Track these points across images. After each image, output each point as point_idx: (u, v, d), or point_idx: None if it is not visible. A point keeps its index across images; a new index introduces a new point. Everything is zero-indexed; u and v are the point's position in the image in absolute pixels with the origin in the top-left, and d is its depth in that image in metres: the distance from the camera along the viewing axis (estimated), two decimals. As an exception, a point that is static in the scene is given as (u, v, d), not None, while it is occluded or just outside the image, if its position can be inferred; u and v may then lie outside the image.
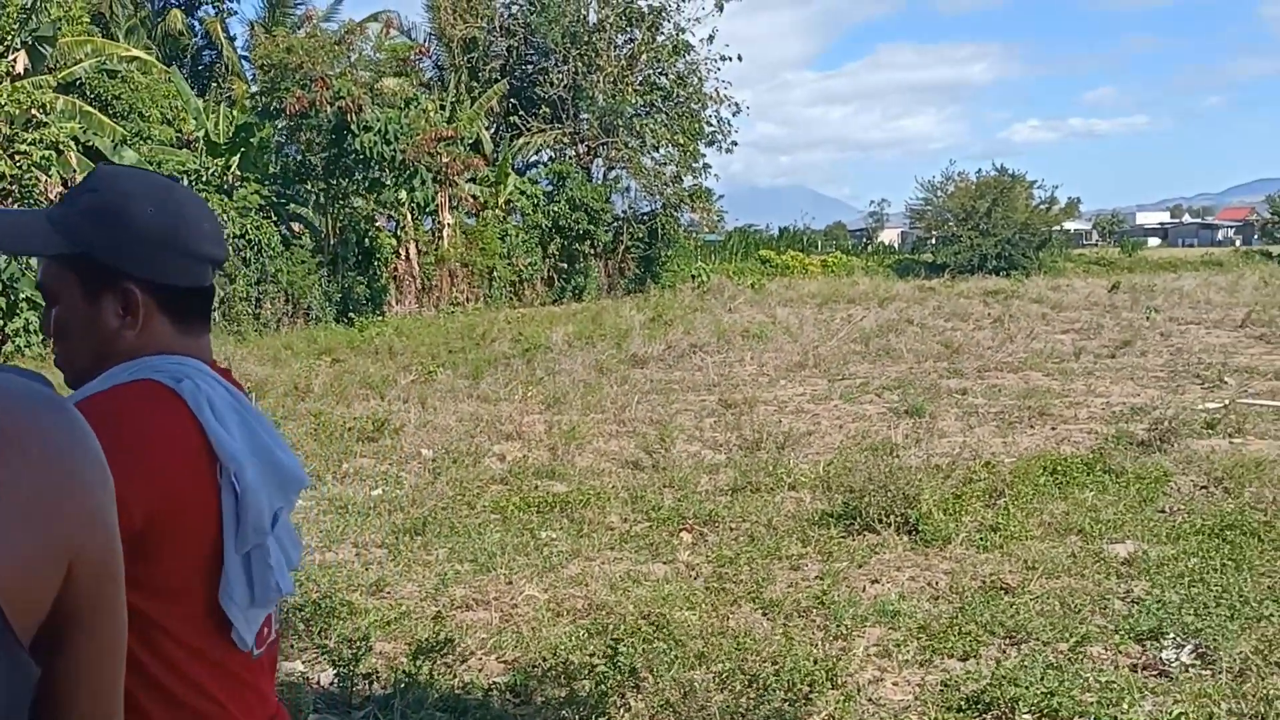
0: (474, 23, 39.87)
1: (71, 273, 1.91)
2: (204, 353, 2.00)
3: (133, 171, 2.00)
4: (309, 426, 12.56)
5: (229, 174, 28.06)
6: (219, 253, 1.99)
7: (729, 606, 6.62)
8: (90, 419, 1.73)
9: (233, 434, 1.86)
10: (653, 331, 21.56)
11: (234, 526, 1.85)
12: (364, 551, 8.16)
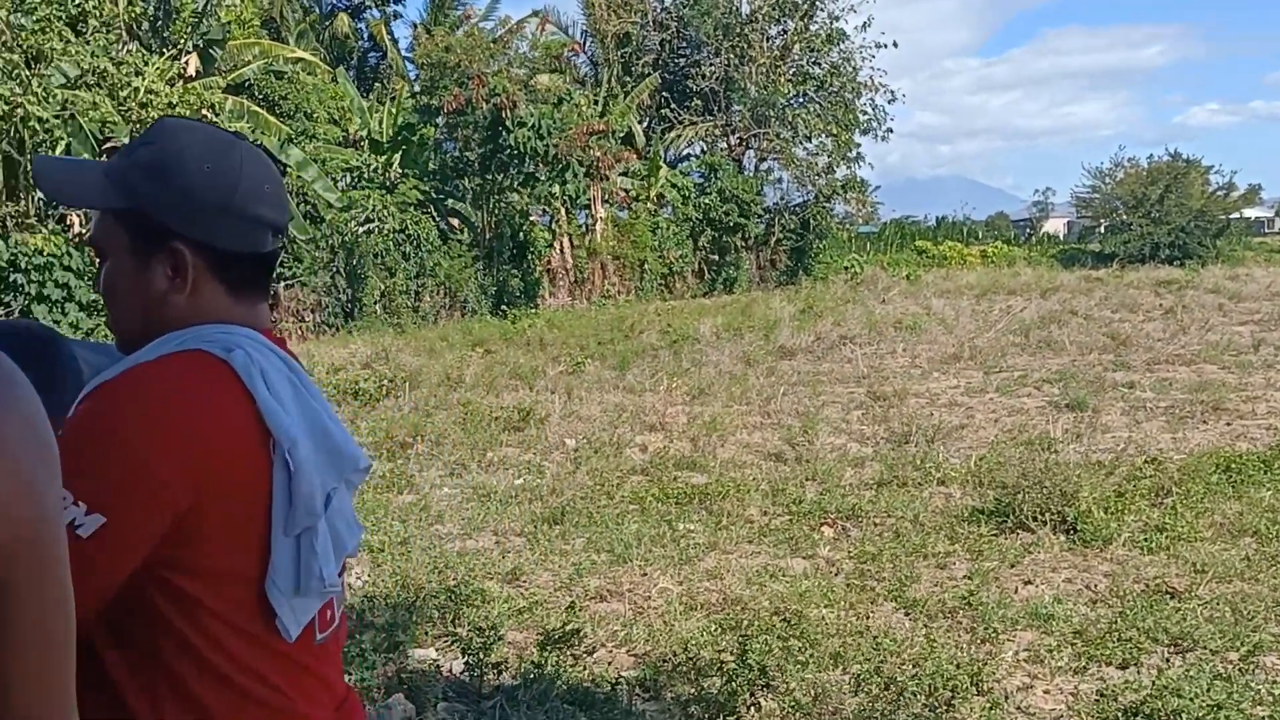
0: (628, 18, 39.95)
1: (122, 229, 1.80)
2: (260, 321, 1.86)
3: (194, 125, 1.86)
4: (458, 416, 12.64)
5: (390, 171, 28.62)
6: (278, 217, 1.85)
7: (869, 605, 6.36)
8: (132, 391, 1.63)
9: (286, 408, 1.74)
10: (802, 323, 21.22)
11: (284, 507, 1.72)
12: (503, 540, 8.12)
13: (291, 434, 1.72)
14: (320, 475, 1.76)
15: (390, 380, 14.68)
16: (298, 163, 23.22)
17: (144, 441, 1.60)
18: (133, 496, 1.59)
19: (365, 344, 19.30)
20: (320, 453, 1.77)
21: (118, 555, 1.60)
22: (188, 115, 18.94)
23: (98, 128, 18.49)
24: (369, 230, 24.65)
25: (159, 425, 1.62)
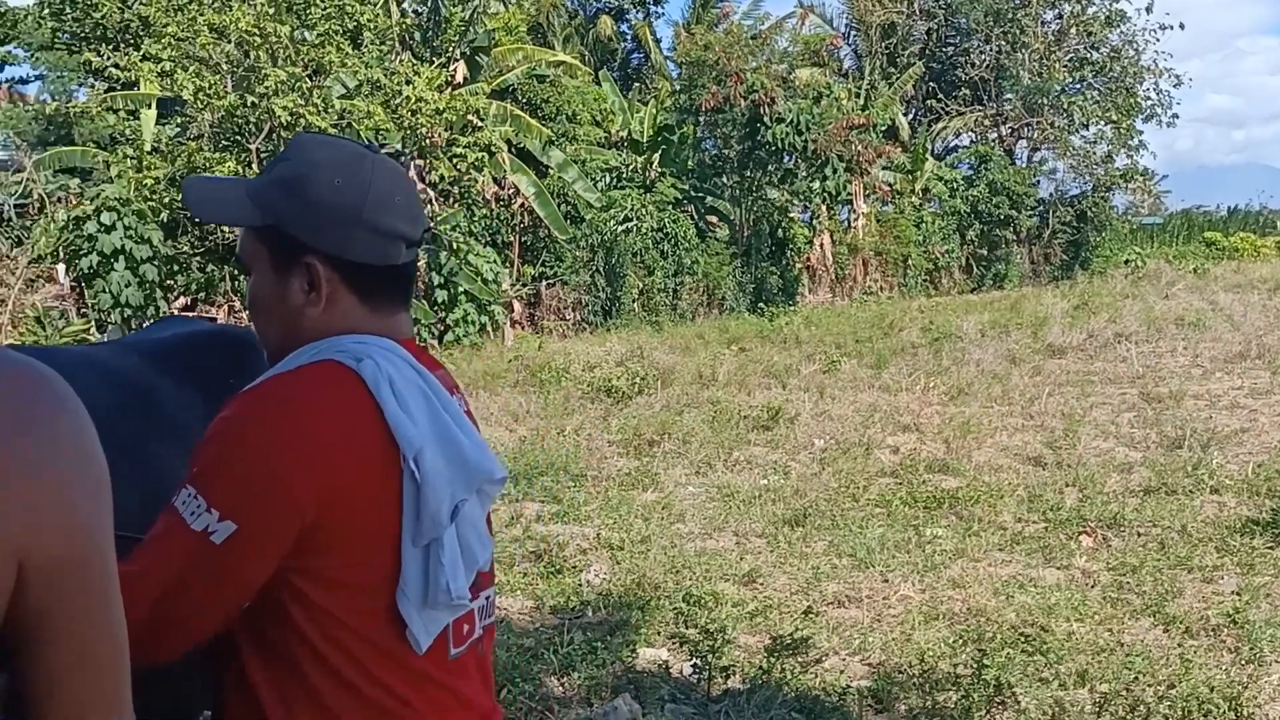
0: (893, 7, 39.16)
1: (262, 244, 1.84)
2: (397, 332, 1.87)
3: (327, 140, 1.90)
4: (707, 414, 12.63)
5: (650, 170, 28.98)
6: (409, 230, 1.85)
7: (1123, 620, 5.95)
8: (265, 402, 1.65)
9: (414, 417, 1.73)
10: (1074, 320, 20.25)
11: (414, 517, 1.72)
12: (743, 540, 8.03)
13: (417, 443, 1.71)
14: (449, 486, 1.74)
15: (643, 378, 14.80)
16: (559, 164, 23.77)
17: (274, 452, 1.63)
18: (262, 506, 1.62)
19: (621, 341, 19.57)
20: (449, 463, 1.76)
21: (249, 562, 1.64)
22: (453, 120, 19.71)
23: (372, 135, 19.40)
24: (628, 229, 24.99)
25: (288, 436, 1.65)
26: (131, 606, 1.61)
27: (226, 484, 1.63)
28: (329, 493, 1.65)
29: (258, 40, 18.02)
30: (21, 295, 17.00)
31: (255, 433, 1.65)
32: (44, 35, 25.95)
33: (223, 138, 19.43)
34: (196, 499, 1.62)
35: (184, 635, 1.67)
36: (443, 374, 1.97)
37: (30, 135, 23.49)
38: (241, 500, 1.62)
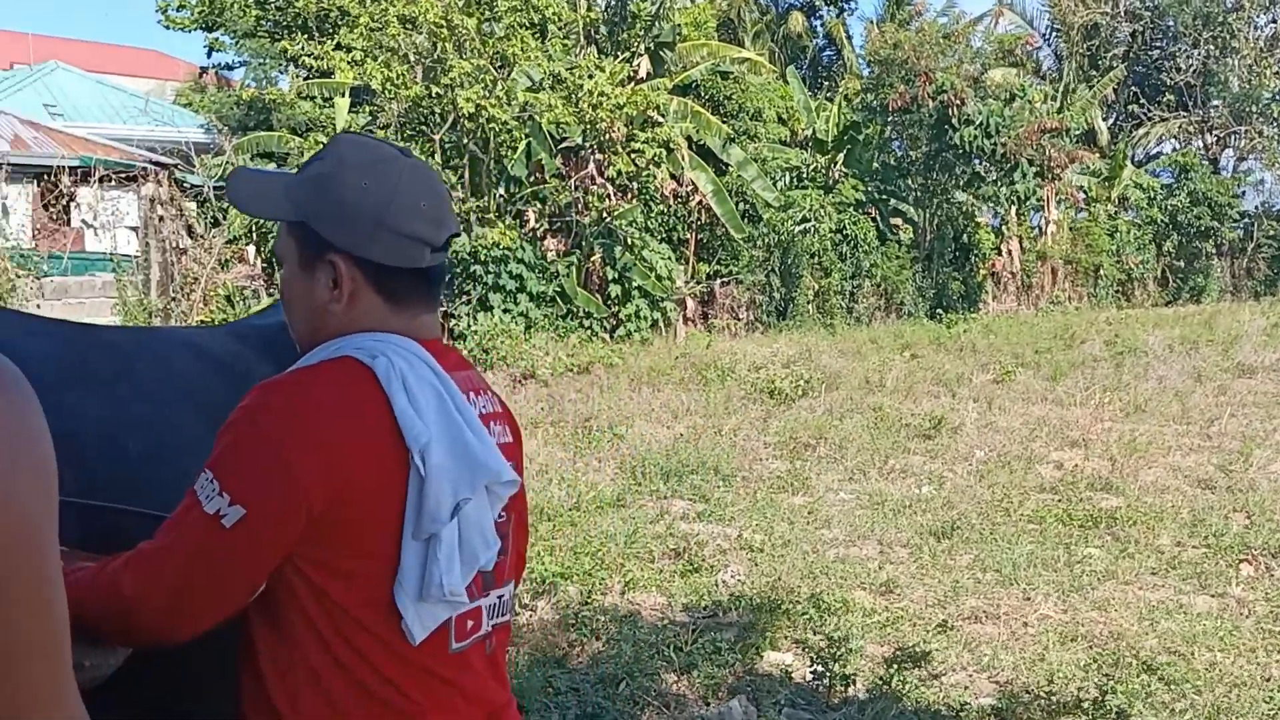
0: (1096, 8, 37.80)
1: (293, 240, 1.90)
2: (420, 332, 1.91)
3: (362, 140, 1.94)
4: (868, 420, 12.44)
5: (833, 170, 28.66)
6: (432, 235, 1.88)
7: (1274, 653, 5.62)
8: (280, 393, 1.72)
9: (424, 414, 1.77)
10: (1271, 338, 19.23)
11: (415, 511, 1.76)
12: (887, 550, 7.87)
13: (423, 439, 1.75)
14: (452, 483, 1.77)
15: (807, 381, 14.65)
16: (738, 162, 23.69)
17: (284, 442, 1.69)
18: (271, 493, 1.68)
19: (791, 343, 19.42)
20: (455, 460, 1.79)
21: (257, 547, 1.70)
22: (634, 115, 19.83)
23: (552, 128, 19.69)
24: (806, 230, 24.76)
25: (299, 428, 1.71)
26: (149, 581, 1.70)
27: (239, 470, 1.69)
28: (337, 484, 1.71)
29: (445, 32, 18.45)
30: (215, 274, 17.80)
31: (268, 422, 1.71)
32: (248, 23, 27.09)
33: (408, 127, 19.98)
34: (212, 482, 1.69)
35: (197, 613, 1.72)
36: (469, 375, 2.01)
37: (232, 120, 24.59)
38: (252, 486, 1.68)
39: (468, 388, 1.95)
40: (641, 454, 10.41)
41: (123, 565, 1.74)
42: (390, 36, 18.83)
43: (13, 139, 17.74)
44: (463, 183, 19.77)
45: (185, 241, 18.74)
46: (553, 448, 11.01)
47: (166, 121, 23.80)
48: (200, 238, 18.97)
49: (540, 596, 6.71)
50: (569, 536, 7.93)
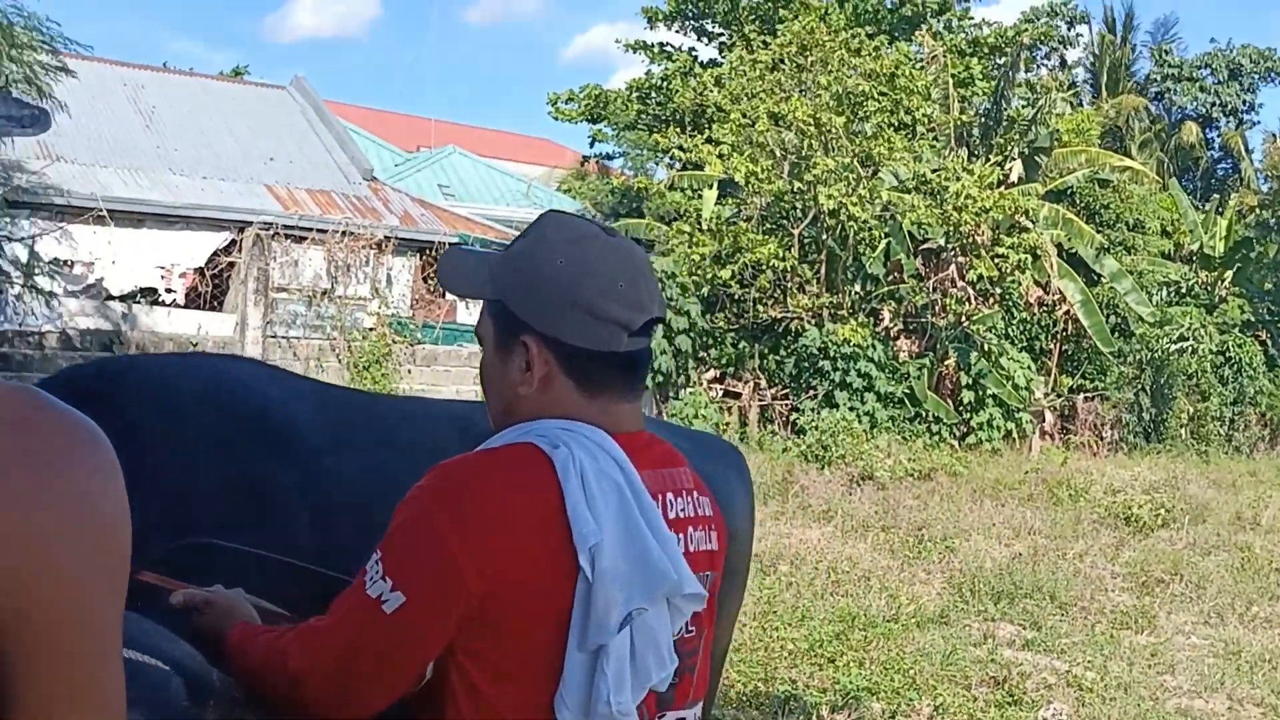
0: None
1: (490, 319, 1.84)
2: (615, 423, 1.78)
3: (565, 218, 1.86)
4: (1235, 559, 11.33)
5: (1219, 288, 26.82)
6: (628, 317, 1.75)
7: None
8: (451, 477, 1.64)
9: (598, 513, 1.63)
10: None
11: (582, 618, 1.62)
12: (1237, 706, 7.06)
13: (591, 539, 1.62)
14: (623, 590, 1.63)
15: (1169, 510, 13.53)
16: (1112, 273, 22.52)
17: (447, 530, 1.62)
18: (430, 582, 1.61)
19: (1156, 468, 18.07)
20: (631, 567, 1.64)
21: (416, 634, 1.63)
22: (1000, 219, 19.22)
23: (915, 228, 19.37)
24: (1183, 349, 23.16)
25: (464, 516, 1.63)
26: (312, 657, 1.67)
27: (401, 555, 1.64)
28: (497, 577, 1.61)
29: (813, 130, 18.57)
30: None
31: (434, 507, 1.65)
32: (629, 116, 28.34)
33: (769, 220, 20.17)
34: (378, 564, 1.65)
35: (358, 695, 1.67)
36: (674, 474, 1.86)
37: (605, 206, 25.66)
38: (412, 573, 1.62)
39: (667, 488, 1.82)
40: (973, 570, 9.87)
41: (294, 637, 1.72)
42: (759, 132, 19.13)
43: (403, 215, 19.17)
44: (818, 277, 19.73)
45: (547, 318, 19.57)
46: (880, 554, 10.62)
47: (545, 205, 25.10)
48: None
49: (840, 711, 6.39)
50: (882, 649, 7.55)
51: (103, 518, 1.05)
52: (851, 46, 19.81)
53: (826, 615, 8.23)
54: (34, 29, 12.08)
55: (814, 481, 14.00)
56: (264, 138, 20.24)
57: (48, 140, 16.50)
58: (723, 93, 21.03)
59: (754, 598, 8.50)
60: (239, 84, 24.43)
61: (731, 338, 20.17)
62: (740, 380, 20.02)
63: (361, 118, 34.01)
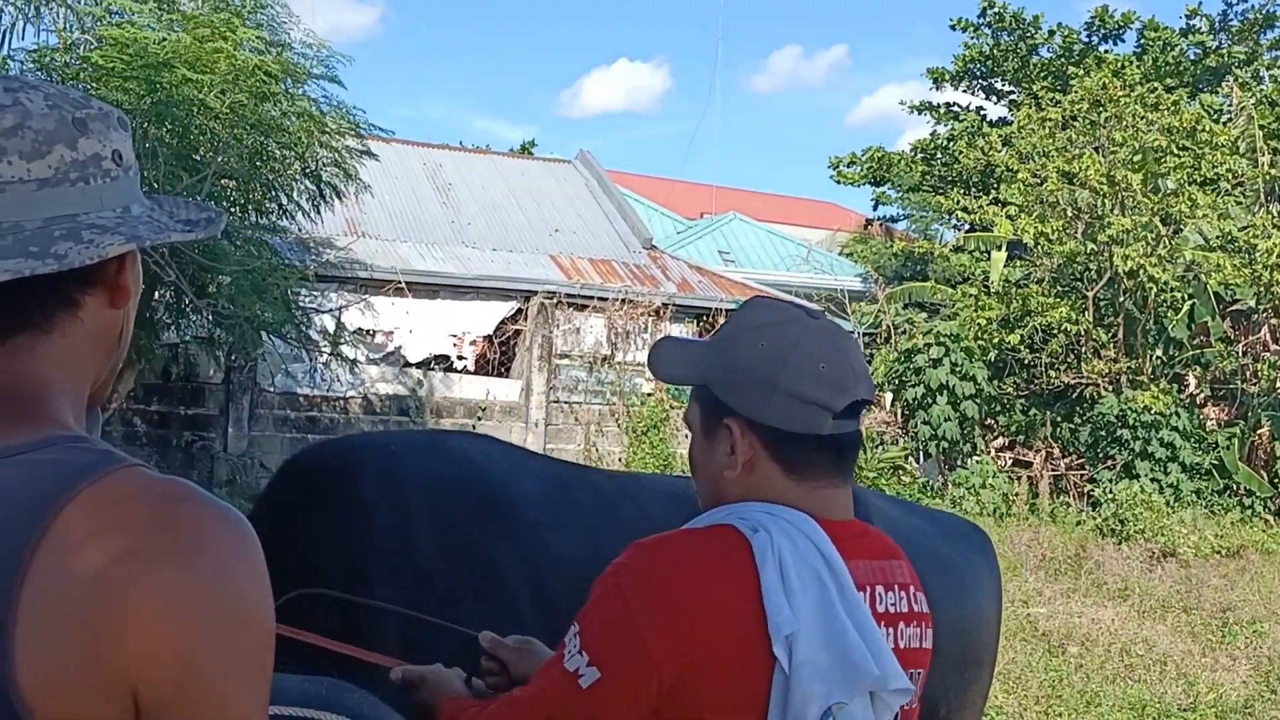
0: None
1: (696, 404, 1.85)
2: (823, 509, 1.75)
3: (768, 302, 1.88)
4: None
5: None
6: (831, 399, 1.72)
7: None
8: (650, 557, 1.68)
9: (795, 601, 1.60)
10: None
11: (780, 709, 1.58)
12: None
13: (787, 627, 1.58)
14: (823, 683, 1.58)
15: None
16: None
17: (640, 609, 1.62)
18: (624, 660, 1.62)
19: None
20: (832, 658, 1.59)
21: (612, 711, 1.64)
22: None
23: (1220, 289, 18.26)
24: None
25: (659, 596, 1.63)
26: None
27: (597, 631, 1.65)
28: (688, 660, 1.60)
29: (1106, 188, 17.82)
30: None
31: (630, 585, 1.66)
32: (913, 178, 27.95)
33: (1061, 283, 19.43)
34: (575, 638, 1.67)
35: None
36: (887, 566, 1.82)
37: (888, 270, 25.32)
38: (607, 650, 1.63)
39: (877, 580, 1.77)
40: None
41: (496, 709, 1.77)
42: (1049, 191, 18.52)
43: (680, 282, 19.49)
44: (1115, 342, 18.82)
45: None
46: (1179, 637, 9.93)
47: (826, 270, 25.02)
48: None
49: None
50: (1176, 742, 7.05)
51: (242, 608, 1.11)
52: (1148, 101, 18.94)
53: (1116, 702, 7.77)
54: (342, 116, 12.98)
55: (1110, 557, 13.26)
56: (550, 210, 21.05)
57: (354, 217, 17.71)
58: (1010, 152, 20.48)
59: (1039, 680, 8.13)
60: (528, 159, 25.58)
61: (1021, 404, 19.47)
62: (1031, 449, 19.26)
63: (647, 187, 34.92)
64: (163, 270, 10.95)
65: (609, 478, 2.86)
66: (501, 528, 2.46)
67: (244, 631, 1.12)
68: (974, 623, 3.01)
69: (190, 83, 10.89)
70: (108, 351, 1.32)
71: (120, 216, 1.25)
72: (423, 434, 4.72)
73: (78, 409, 1.25)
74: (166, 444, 15.83)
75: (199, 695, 1.09)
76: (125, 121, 1.32)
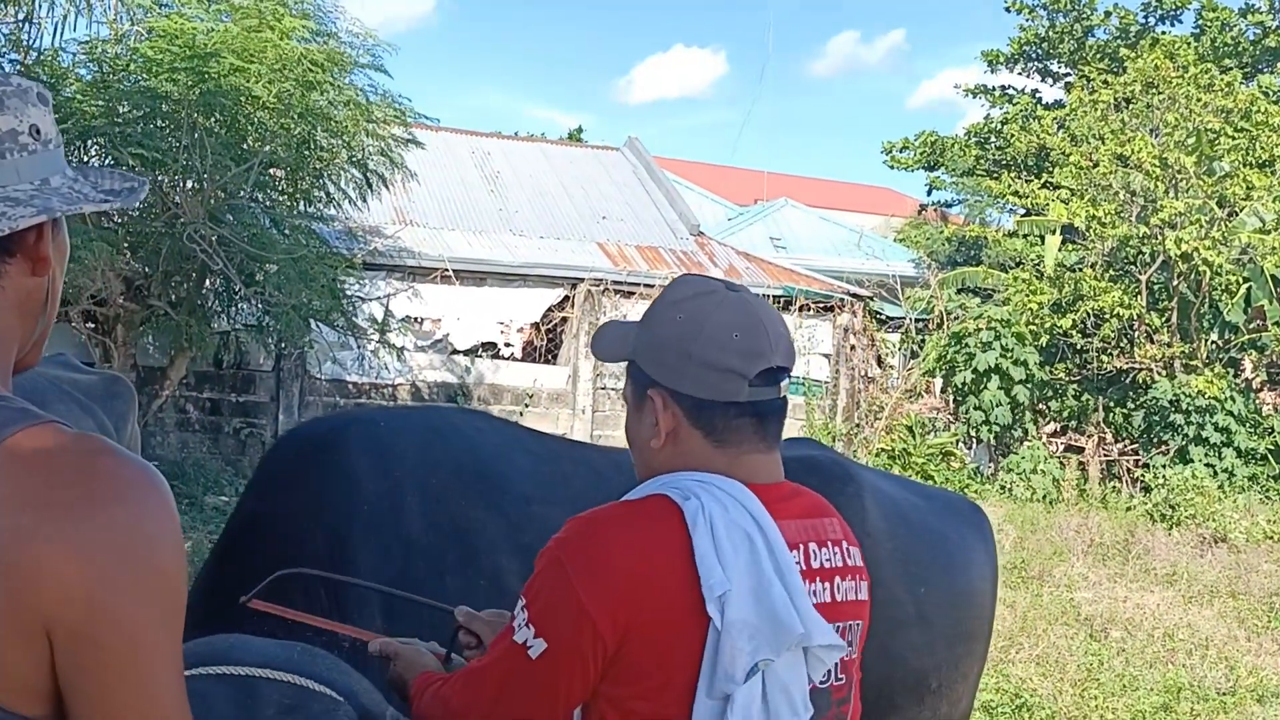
0: None
1: (629, 379, 1.92)
2: (747, 473, 1.81)
3: (692, 280, 1.93)
4: None
5: None
6: (744, 367, 1.78)
7: None
8: (586, 531, 1.75)
9: (727, 563, 1.67)
10: None
11: (710, 666, 1.66)
12: None
13: (719, 589, 1.65)
14: (749, 640, 1.64)
15: None
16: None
17: (580, 581, 1.69)
18: (567, 630, 1.69)
19: None
20: (759, 618, 1.66)
21: (562, 679, 1.71)
22: None
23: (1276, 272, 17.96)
24: None
25: (593, 567, 1.70)
26: (470, 697, 1.80)
27: (541, 604, 1.72)
28: (629, 626, 1.67)
29: (1159, 171, 17.59)
30: (903, 402, 18.17)
31: (569, 558, 1.72)
32: (967, 162, 27.67)
33: (1114, 266, 19.21)
34: (523, 611, 1.74)
35: None
36: (818, 524, 1.88)
37: (941, 255, 25.13)
38: (550, 621, 1.70)
39: (809, 538, 1.82)
40: (1332, 645, 8.98)
41: (455, 679, 1.86)
42: (1101, 175, 18.30)
43: (727, 268, 19.46)
44: (1169, 326, 18.58)
45: (874, 370, 19.36)
46: (1225, 623, 9.82)
47: (878, 256, 24.85)
48: (889, 368, 19.50)
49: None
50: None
51: (154, 554, 1.18)
52: (1202, 83, 18.66)
53: (1154, 685, 7.70)
54: (389, 105, 13.11)
55: (1159, 543, 13.12)
56: (597, 197, 21.13)
57: (402, 206, 17.88)
58: (1064, 135, 20.26)
59: (1077, 664, 8.09)
60: (576, 147, 25.63)
61: (1074, 389, 19.28)
62: (1083, 434, 19.07)
63: (699, 174, 34.87)
64: (210, 258, 11.14)
65: (601, 453, 2.91)
66: (489, 500, 2.52)
67: (154, 577, 1.18)
68: (966, 597, 3.03)
69: (238, 72, 11.06)
70: (33, 317, 1.38)
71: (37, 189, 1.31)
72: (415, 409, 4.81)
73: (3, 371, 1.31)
74: (218, 430, 16.08)
75: (110, 636, 1.15)
76: (46, 97, 1.39)
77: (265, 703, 1.77)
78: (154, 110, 11.16)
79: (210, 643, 1.90)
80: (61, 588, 1.13)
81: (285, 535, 2.35)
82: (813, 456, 2.89)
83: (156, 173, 11.36)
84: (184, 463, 14.72)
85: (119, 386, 7.25)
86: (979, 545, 3.14)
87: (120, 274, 11.64)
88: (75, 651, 1.14)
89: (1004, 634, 8.60)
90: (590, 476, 2.68)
